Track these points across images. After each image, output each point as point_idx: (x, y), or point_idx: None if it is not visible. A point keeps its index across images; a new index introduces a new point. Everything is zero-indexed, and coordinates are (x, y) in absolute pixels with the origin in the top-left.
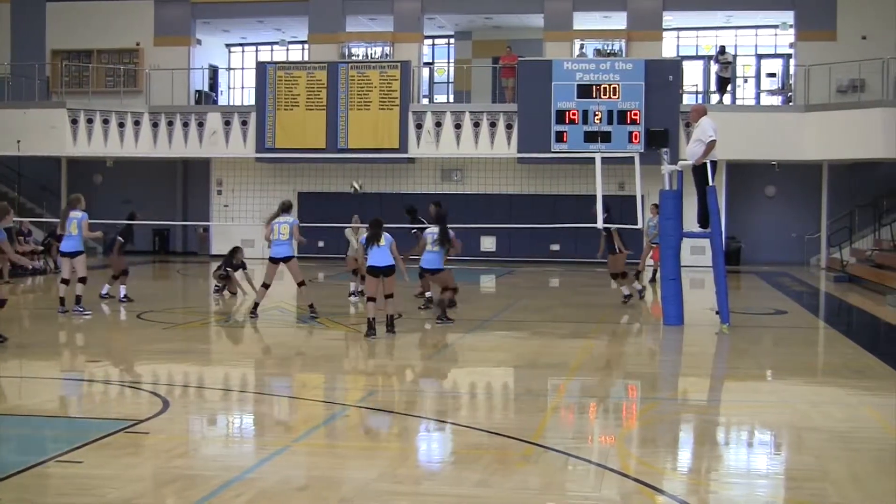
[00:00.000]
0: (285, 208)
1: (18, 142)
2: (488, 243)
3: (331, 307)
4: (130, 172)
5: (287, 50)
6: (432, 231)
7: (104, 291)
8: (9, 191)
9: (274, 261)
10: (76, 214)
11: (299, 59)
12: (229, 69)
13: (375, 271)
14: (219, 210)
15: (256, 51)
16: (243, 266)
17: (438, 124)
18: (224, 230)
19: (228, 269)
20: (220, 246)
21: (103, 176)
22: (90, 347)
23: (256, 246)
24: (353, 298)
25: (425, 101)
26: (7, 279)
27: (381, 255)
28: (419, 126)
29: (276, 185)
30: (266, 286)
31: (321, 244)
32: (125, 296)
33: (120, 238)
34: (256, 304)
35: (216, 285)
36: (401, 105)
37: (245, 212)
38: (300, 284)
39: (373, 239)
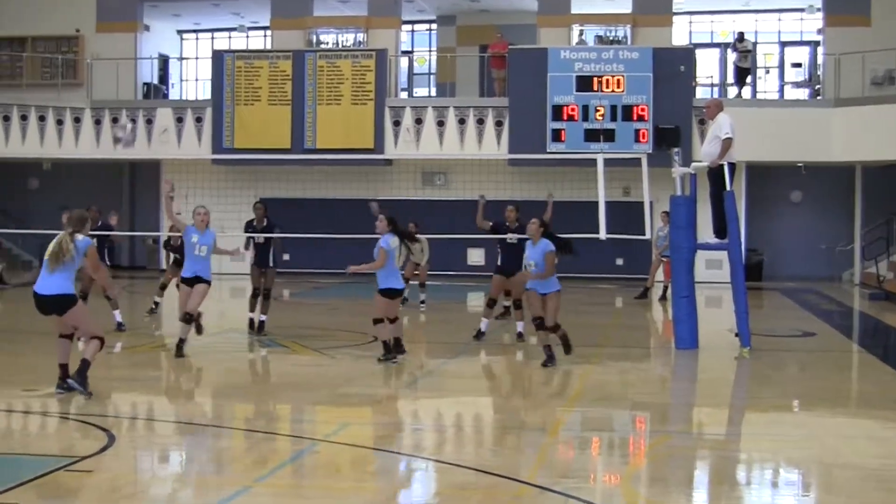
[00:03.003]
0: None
1: None
2: (476, 256)
3: (300, 329)
4: (70, 176)
5: (247, 37)
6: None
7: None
8: None
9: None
10: None
11: (261, 47)
12: (181, 59)
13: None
14: None
15: (212, 38)
16: None
17: (419, 121)
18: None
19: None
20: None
21: (39, 180)
22: (24, 374)
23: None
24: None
25: (404, 94)
26: None
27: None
28: (397, 123)
29: (236, 189)
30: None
31: (286, 257)
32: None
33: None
34: (182, 342)
35: (155, 301)
36: (376, 99)
37: None
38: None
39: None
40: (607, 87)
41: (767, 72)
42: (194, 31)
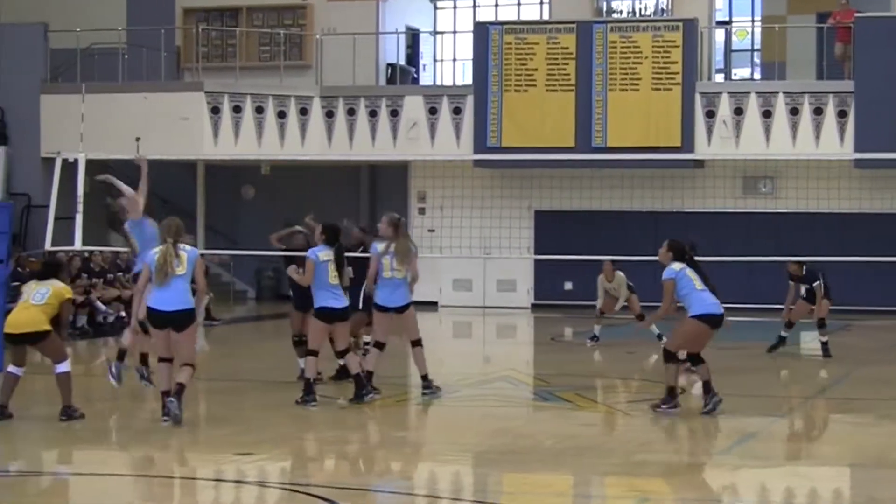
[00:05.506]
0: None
1: (137, 139)
2: None
3: (586, 377)
4: (295, 182)
5: (518, 5)
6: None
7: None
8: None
9: (387, 310)
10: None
11: (536, 16)
12: (435, 33)
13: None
14: (421, 236)
15: (474, 6)
16: None
17: (739, 111)
18: (430, 265)
19: None
20: (424, 289)
21: (256, 188)
22: (236, 435)
23: (474, 289)
24: None
25: (720, 77)
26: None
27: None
28: (710, 114)
29: (504, 199)
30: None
31: (568, 286)
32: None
33: None
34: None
35: None
36: (683, 84)
37: (459, 238)
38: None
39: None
40: None
41: None
42: None
